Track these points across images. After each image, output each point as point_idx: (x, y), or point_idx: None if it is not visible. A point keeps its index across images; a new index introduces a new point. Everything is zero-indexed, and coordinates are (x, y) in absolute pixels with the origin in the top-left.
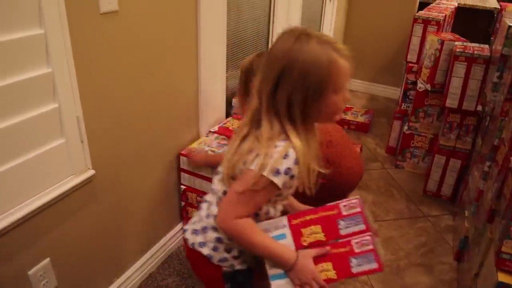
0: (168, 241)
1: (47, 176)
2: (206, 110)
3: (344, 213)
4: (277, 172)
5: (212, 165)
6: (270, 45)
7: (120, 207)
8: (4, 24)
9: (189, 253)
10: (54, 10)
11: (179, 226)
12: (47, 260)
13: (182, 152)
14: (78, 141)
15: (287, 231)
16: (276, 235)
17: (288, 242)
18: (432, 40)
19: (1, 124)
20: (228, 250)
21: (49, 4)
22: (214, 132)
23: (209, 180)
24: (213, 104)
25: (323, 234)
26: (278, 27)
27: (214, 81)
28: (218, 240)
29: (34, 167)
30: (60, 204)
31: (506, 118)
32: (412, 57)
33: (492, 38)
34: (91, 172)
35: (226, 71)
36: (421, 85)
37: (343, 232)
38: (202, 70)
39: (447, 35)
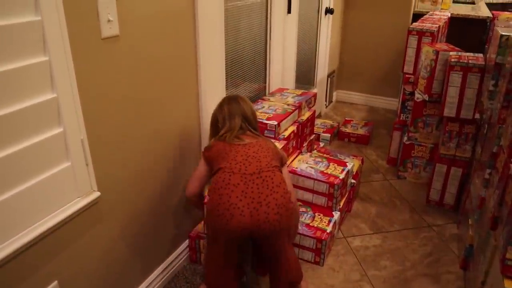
0: (175, 260)
1: (54, 200)
2: (207, 128)
3: None
4: None
5: None
6: (267, 63)
7: (126, 228)
8: (10, 53)
9: None
10: (58, 38)
11: (185, 244)
12: (55, 283)
13: None
14: (83, 164)
15: None
16: None
17: None
18: (427, 51)
19: (10, 149)
20: None
21: (52, 32)
22: None
23: None
24: None
25: None
26: (275, 45)
27: (215, 100)
28: None
29: (41, 191)
30: (67, 227)
31: (504, 125)
32: (408, 68)
33: (486, 46)
34: (97, 194)
35: (226, 90)
36: (418, 96)
37: None
38: (202, 89)
39: (441, 46)
